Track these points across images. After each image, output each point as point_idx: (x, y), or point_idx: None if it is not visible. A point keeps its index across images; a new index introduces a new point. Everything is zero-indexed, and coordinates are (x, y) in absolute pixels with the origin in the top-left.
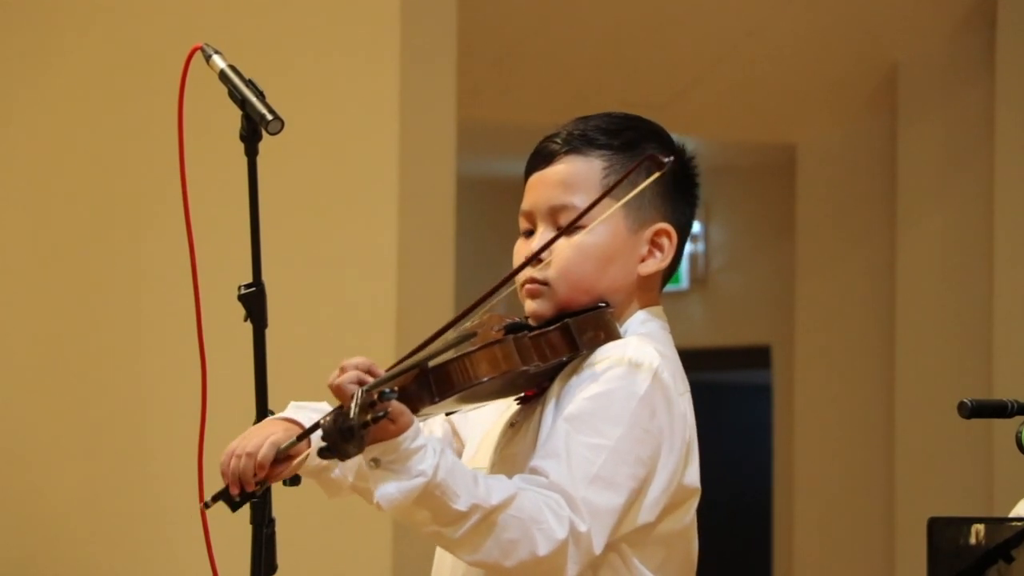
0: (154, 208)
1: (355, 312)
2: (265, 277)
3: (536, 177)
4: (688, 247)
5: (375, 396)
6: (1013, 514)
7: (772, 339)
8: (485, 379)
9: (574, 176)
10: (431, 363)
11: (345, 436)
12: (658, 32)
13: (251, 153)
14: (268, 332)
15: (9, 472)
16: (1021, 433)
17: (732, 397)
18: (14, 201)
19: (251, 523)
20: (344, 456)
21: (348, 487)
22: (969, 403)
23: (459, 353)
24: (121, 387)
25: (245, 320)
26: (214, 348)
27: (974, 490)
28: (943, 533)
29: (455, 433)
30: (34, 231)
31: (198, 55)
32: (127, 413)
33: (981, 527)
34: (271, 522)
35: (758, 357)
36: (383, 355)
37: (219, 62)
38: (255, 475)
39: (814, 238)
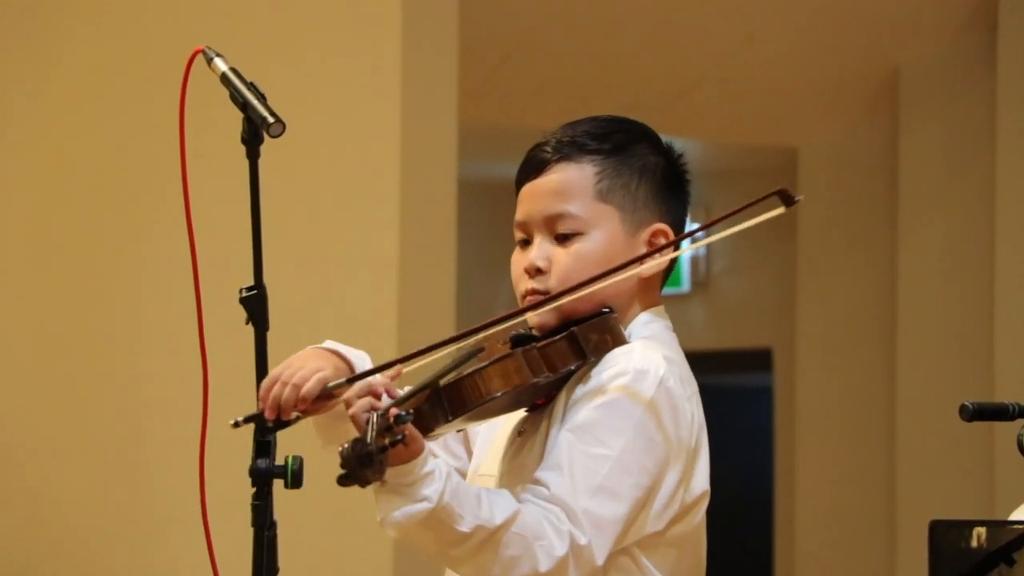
0: (156, 211)
1: (356, 315)
2: (266, 280)
3: (529, 187)
4: (689, 249)
5: (391, 420)
6: (1013, 518)
7: (773, 342)
8: (498, 394)
9: (567, 184)
10: (442, 382)
11: (364, 462)
12: (659, 35)
13: (252, 156)
14: (269, 335)
15: (9, 472)
16: (1022, 436)
17: (733, 400)
18: (16, 203)
19: (252, 526)
20: (364, 483)
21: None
22: (970, 406)
23: (469, 370)
24: (122, 388)
25: (246, 323)
26: (215, 351)
27: (975, 493)
28: (944, 536)
29: (466, 438)
30: (36, 233)
31: (199, 58)
32: (128, 414)
33: (983, 530)
34: (272, 525)
35: (759, 360)
36: (384, 358)
37: (221, 65)
38: (295, 406)
39: (815, 241)
